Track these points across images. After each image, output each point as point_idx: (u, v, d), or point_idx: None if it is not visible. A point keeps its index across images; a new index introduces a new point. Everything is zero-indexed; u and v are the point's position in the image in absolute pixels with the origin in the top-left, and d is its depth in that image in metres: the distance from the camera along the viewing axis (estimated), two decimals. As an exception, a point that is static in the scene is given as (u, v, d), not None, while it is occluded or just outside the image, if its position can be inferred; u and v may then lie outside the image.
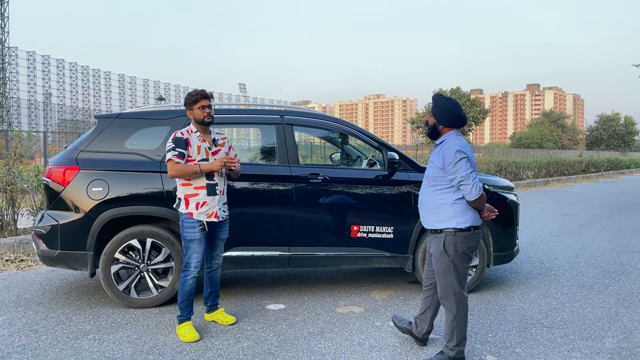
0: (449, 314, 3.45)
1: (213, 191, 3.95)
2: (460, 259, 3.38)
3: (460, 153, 3.27)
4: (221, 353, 3.64)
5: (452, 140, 3.37)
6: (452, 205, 3.36)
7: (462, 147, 3.30)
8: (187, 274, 3.94)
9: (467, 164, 3.27)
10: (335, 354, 3.64)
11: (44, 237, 4.61)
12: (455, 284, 3.40)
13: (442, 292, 3.46)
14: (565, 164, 27.08)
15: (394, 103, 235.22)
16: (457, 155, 3.27)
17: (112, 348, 3.71)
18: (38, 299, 4.91)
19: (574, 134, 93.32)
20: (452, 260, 3.37)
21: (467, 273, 3.53)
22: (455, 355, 3.41)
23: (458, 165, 3.26)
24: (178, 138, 3.87)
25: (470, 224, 3.36)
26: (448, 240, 3.36)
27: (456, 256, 3.37)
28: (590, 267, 6.43)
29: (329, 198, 4.94)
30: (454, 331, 3.40)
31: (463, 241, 3.35)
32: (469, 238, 3.37)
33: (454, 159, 3.27)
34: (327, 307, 4.72)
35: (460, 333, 3.41)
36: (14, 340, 3.85)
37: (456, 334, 3.40)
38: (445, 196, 3.39)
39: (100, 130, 4.79)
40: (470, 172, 3.26)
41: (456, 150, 3.28)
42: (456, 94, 42.72)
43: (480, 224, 3.45)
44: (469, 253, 3.41)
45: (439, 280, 3.47)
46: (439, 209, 3.41)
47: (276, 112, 5.23)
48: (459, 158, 3.26)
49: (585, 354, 3.70)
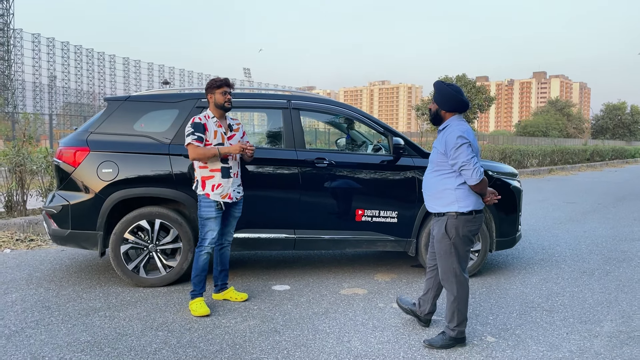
0: (450, 295, 3.54)
1: (227, 174, 4.10)
2: (462, 242, 3.47)
3: (461, 139, 3.33)
4: (228, 330, 3.75)
5: (455, 126, 3.44)
6: (455, 190, 3.44)
7: (463, 133, 3.36)
8: (201, 250, 4.11)
9: (469, 149, 3.34)
10: (339, 333, 3.74)
11: (55, 217, 4.71)
12: (456, 266, 3.49)
13: (444, 273, 3.56)
14: (569, 152, 27.03)
15: (399, 89, 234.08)
16: (459, 141, 3.33)
17: (122, 324, 3.82)
18: (49, 277, 5.02)
19: (580, 123, 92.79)
20: (453, 243, 3.46)
21: (469, 256, 3.62)
22: (456, 335, 3.51)
23: (459, 150, 3.33)
24: (196, 123, 4.04)
25: (472, 208, 3.44)
26: (450, 223, 3.45)
27: (457, 239, 3.45)
28: (591, 253, 6.51)
29: (334, 182, 5.01)
30: (455, 312, 3.50)
31: (464, 224, 3.44)
32: (471, 222, 3.45)
33: (455, 144, 3.34)
34: (332, 288, 4.82)
35: (460, 314, 3.50)
36: (27, 316, 3.96)
37: (457, 315, 3.49)
38: (447, 181, 3.47)
39: (110, 112, 4.86)
40: (471, 158, 3.33)
41: (458, 136, 3.34)
42: (462, 81, 42.54)
43: (482, 208, 3.53)
44: (470, 236, 3.50)
45: (440, 262, 3.57)
46: (441, 193, 3.49)
47: (283, 96, 5.29)
48: (460, 143, 3.33)
49: (584, 337, 3.79)
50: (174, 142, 4.73)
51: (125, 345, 3.45)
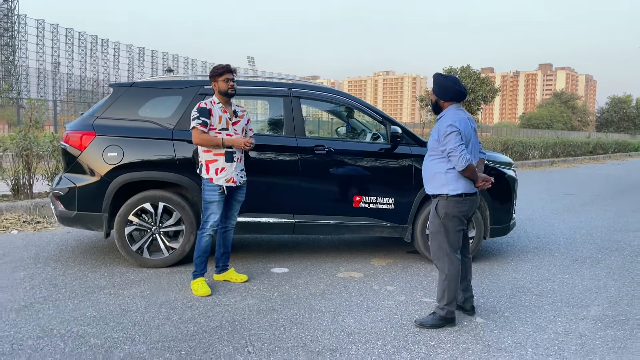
0: (441, 274, 3.73)
1: (231, 158, 4.24)
2: (451, 222, 3.67)
3: (451, 127, 3.57)
4: (228, 309, 3.91)
5: (449, 115, 3.67)
6: (445, 174, 3.67)
7: (454, 122, 3.59)
8: (203, 232, 4.26)
9: (457, 137, 3.55)
10: (334, 313, 3.90)
11: (62, 199, 4.86)
12: (446, 245, 3.69)
13: (434, 252, 3.77)
14: (572, 145, 27.09)
15: (403, 80, 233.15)
16: (448, 129, 3.56)
17: (127, 302, 3.98)
18: (55, 257, 5.19)
19: (584, 116, 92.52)
20: (442, 223, 3.68)
21: (460, 236, 3.77)
22: (446, 314, 3.67)
23: (448, 137, 3.56)
24: (202, 108, 4.17)
25: (462, 191, 3.65)
26: (440, 204, 3.68)
27: (447, 219, 3.67)
28: (585, 243, 6.64)
29: (333, 169, 5.15)
30: (445, 290, 3.68)
31: (454, 205, 3.65)
32: (461, 203, 3.66)
33: (445, 131, 3.58)
34: (329, 271, 4.98)
35: (450, 293, 3.67)
36: (36, 293, 4.13)
37: (447, 294, 3.67)
38: (439, 166, 3.70)
39: (115, 98, 4.99)
40: (458, 145, 3.54)
41: (448, 125, 3.58)
42: (466, 72, 42.39)
43: (473, 191, 3.71)
44: (460, 216, 3.69)
45: (432, 241, 3.79)
46: (434, 176, 3.73)
47: (284, 85, 5.40)
48: (449, 131, 3.56)
49: (570, 320, 3.94)
50: (178, 127, 4.87)
51: (129, 320, 3.62)
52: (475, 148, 3.78)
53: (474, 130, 3.78)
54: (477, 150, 3.84)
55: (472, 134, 3.73)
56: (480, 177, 3.70)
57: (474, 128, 3.80)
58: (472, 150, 3.73)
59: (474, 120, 3.88)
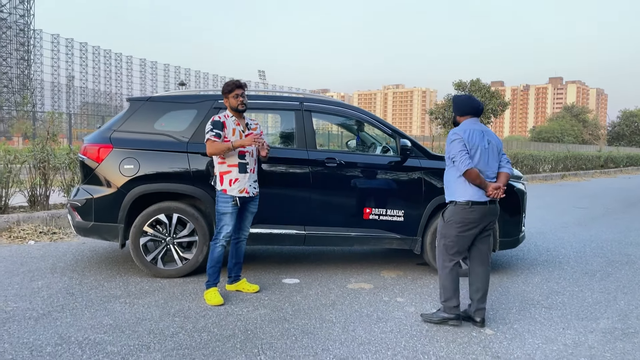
0: (439, 273, 4.08)
1: (244, 169, 4.35)
2: (453, 225, 3.92)
3: (455, 135, 3.88)
4: (241, 318, 3.99)
5: (459, 127, 3.98)
6: (455, 182, 3.94)
7: (459, 131, 3.90)
8: (216, 242, 4.36)
9: (460, 144, 3.84)
10: (345, 323, 3.96)
11: (79, 210, 4.99)
12: (442, 247, 4.01)
13: (437, 252, 4.11)
14: (583, 158, 26.95)
15: (413, 93, 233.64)
16: (452, 137, 3.89)
17: (141, 310, 4.07)
18: (72, 267, 5.31)
19: (596, 129, 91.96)
20: (445, 225, 3.98)
21: (464, 242, 3.96)
22: (444, 310, 3.98)
23: (452, 145, 3.88)
24: (216, 121, 4.32)
25: (469, 198, 3.86)
26: (448, 209, 4.00)
27: (449, 224, 3.95)
28: (595, 256, 6.64)
29: (343, 181, 5.23)
30: (441, 288, 4.03)
31: (460, 212, 3.89)
32: (466, 210, 3.87)
33: (449, 139, 3.91)
34: (339, 282, 5.04)
35: (446, 291, 3.97)
36: (53, 301, 4.24)
37: (443, 292, 3.99)
38: (450, 174, 3.99)
39: (132, 112, 5.14)
40: (459, 151, 3.82)
41: (452, 133, 3.91)
42: (476, 86, 42.53)
43: (483, 200, 3.87)
44: (465, 222, 3.89)
45: (437, 243, 4.16)
46: (448, 184, 4.04)
47: (296, 99, 5.52)
48: (452, 139, 3.88)
49: (579, 332, 3.96)
50: (192, 140, 4.99)
51: (144, 329, 3.70)
52: (491, 159, 3.91)
53: (488, 143, 3.91)
54: (496, 162, 3.95)
55: (482, 144, 3.87)
56: (490, 185, 3.81)
57: (489, 141, 3.93)
58: (484, 160, 3.86)
59: (493, 134, 4.03)
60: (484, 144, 3.88)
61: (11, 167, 7.35)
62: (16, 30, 65.31)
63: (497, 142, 4.01)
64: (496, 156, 3.96)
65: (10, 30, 64.91)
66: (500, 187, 3.84)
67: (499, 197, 3.85)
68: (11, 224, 6.78)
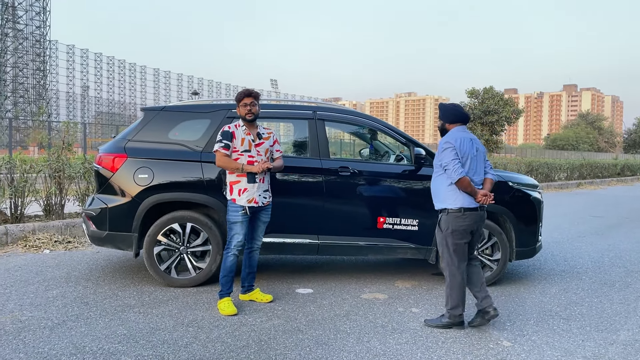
0: (446, 280, 4.11)
1: (253, 179, 4.34)
2: (451, 235, 4.00)
3: (447, 144, 3.97)
4: (254, 328, 3.96)
5: (449, 134, 4.08)
6: (445, 189, 4.03)
7: (450, 139, 3.99)
8: (228, 252, 4.36)
9: (452, 153, 3.93)
10: (359, 334, 3.91)
11: (94, 219, 5.01)
12: (447, 256, 4.06)
13: (442, 261, 4.16)
14: (599, 166, 26.63)
15: (425, 101, 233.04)
16: (444, 145, 3.98)
17: (155, 320, 4.07)
18: (86, 276, 5.33)
19: (611, 137, 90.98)
20: (445, 236, 4.05)
21: (464, 249, 4.07)
22: (449, 317, 4.04)
23: (444, 153, 3.97)
24: (225, 131, 4.35)
25: (460, 205, 3.97)
26: (443, 219, 4.07)
27: (448, 232, 4.01)
28: (614, 266, 6.53)
29: (357, 190, 5.20)
30: (449, 297, 4.07)
31: (455, 220, 3.98)
32: (460, 218, 3.97)
33: (441, 148, 4.00)
34: (353, 293, 5.00)
35: (453, 300, 4.03)
36: (68, 310, 4.25)
37: (450, 300, 4.05)
38: (440, 181, 4.08)
39: (147, 121, 5.16)
40: (452, 160, 3.91)
41: (444, 142, 4.00)
42: (489, 93, 42.12)
43: (474, 206, 4.00)
44: (460, 230, 3.99)
45: (440, 251, 4.17)
46: (436, 192, 4.14)
47: (309, 107, 5.52)
48: (445, 147, 3.97)
49: (599, 344, 3.87)
50: (206, 150, 5.00)
51: (158, 339, 3.69)
52: (479, 166, 4.07)
53: (477, 151, 4.07)
54: (482, 169, 4.12)
55: (472, 152, 4.01)
56: (479, 192, 3.96)
57: (477, 148, 4.08)
58: (473, 167, 4.02)
59: (479, 142, 4.18)
60: (474, 152, 4.04)
61: (27, 177, 7.43)
62: (32, 42, 66.40)
63: (483, 149, 4.20)
64: (482, 163, 4.14)
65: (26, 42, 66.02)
66: (488, 194, 3.99)
67: (487, 203, 4.00)
68: (27, 232, 6.84)
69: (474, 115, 41.26)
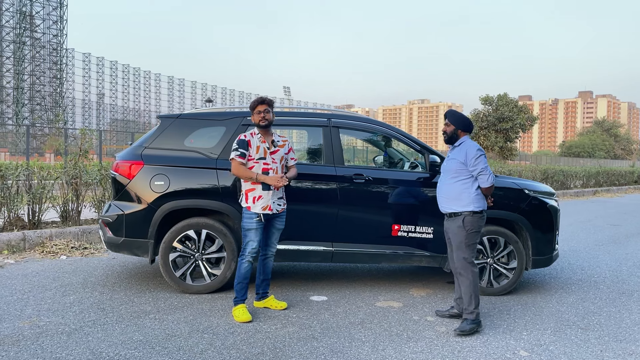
0: (466, 280, 4.25)
1: (267, 187, 4.36)
2: (473, 235, 4.28)
3: (480, 151, 4.28)
4: (269, 335, 3.96)
5: (471, 142, 4.36)
6: (473, 193, 4.28)
7: (480, 148, 4.33)
8: (242, 258, 4.38)
9: (485, 159, 4.27)
10: (374, 342, 3.89)
11: (111, 225, 5.06)
12: (469, 255, 4.27)
13: (460, 262, 4.29)
14: (615, 174, 26.31)
15: (438, 108, 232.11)
16: (478, 152, 4.26)
17: (171, 327, 4.09)
18: (102, 282, 5.37)
19: (628, 144, 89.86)
20: (466, 236, 4.25)
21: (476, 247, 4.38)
22: (475, 317, 4.17)
23: (479, 160, 4.24)
24: (241, 140, 4.38)
25: (482, 208, 4.31)
26: (467, 220, 4.26)
27: (472, 232, 4.26)
28: (632, 275, 6.43)
29: (371, 198, 5.20)
30: (472, 295, 4.21)
31: (478, 221, 4.28)
32: (482, 219, 4.33)
33: (475, 154, 4.24)
34: (368, 300, 4.98)
35: (476, 297, 4.21)
36: (85, 316, 4.28)
37: (474, 299, 4.19)
38: (466, 186, 4.29)
39: (163, 129, 5.21)
40: (487, 166, 4.25)
41: (477, 149, 4.28)
42: (503, 100, 41.88)
43: (486, 209, 4.39)
44: (479, 230, 4.33)
45: (457, 253, 4.31)
46: (460, 195, 4.29)
47: (323, 115, 5.53)
48: (479, 154, 4.25)
49: (618, 355, 3.81)
50: (221, 157, 5.03)
51: (174, 345, 3.71)
52: None
53: None
54: None
55: None
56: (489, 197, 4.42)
57: None
58: None
59: None
60: None
61: (44, 183, 7.53)
62: (49, 50, 67.33)
63: None
64: None
65: (43, 50, 66.98)
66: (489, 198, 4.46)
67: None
68: (44, 238, 6.93)
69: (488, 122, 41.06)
